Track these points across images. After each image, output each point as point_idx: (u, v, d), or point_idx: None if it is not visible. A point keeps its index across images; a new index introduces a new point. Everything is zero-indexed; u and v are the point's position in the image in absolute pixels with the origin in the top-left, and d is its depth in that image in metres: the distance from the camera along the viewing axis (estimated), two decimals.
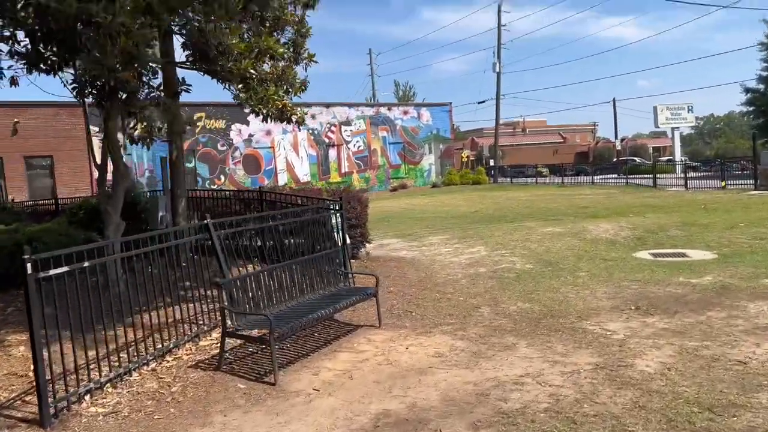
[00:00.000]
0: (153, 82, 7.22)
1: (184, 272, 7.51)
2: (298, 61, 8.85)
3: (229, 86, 7.64)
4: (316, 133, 36.61)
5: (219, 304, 5.52)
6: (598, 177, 36.98)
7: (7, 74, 7.89)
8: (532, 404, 4.45)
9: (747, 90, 39.29)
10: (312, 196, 9.53)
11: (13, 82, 7.92)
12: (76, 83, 7.93)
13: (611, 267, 9.45)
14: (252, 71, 6.85)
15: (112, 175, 7.91)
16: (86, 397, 4.81)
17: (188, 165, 32.15)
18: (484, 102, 53.84)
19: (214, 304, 6.76)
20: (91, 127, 12.94)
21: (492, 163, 48.38)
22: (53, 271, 4.49)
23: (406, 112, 40.83)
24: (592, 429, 3.98)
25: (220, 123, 32.84)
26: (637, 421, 4.04)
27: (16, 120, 28.23)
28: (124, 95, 7.54)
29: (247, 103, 7.13)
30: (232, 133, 33.26)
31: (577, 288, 8.19)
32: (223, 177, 33.33)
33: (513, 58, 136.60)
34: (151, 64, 6.70)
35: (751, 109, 40.64)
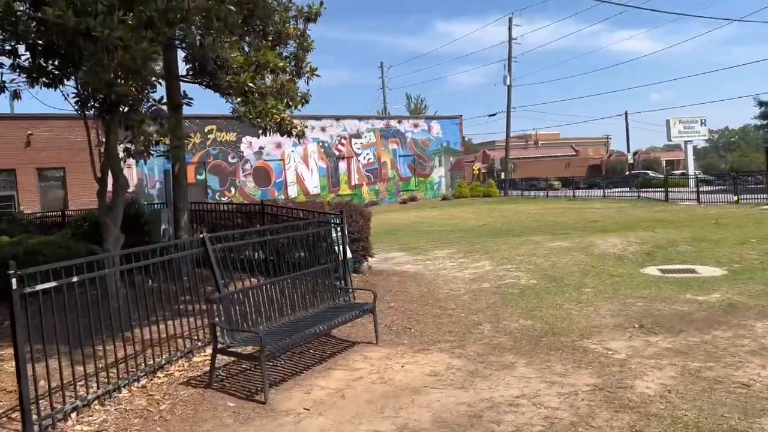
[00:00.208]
0: (153, 95, 7.20)
1: (183, 286, 7.50)
2: (300, 74, 8.83)
3: (230, 99, 7.62)
4: (327, 145, 36.71)
5: (209, 320, 5.44)
6: (610, 191, 36.65)
7: (10, 87, 7.98)
8: (526, 427, 4.32)
9: (761, 103, 38.86)
10: (313, 210, 9.47)
11: (16, 95, 7.98)
12: (78, 96, 7.97)
13: (617, 283, 9.28)
14: (251, 85, 6.81)
15: (112, 187, 7.91)
16: (72, 414, 4.74)
17: (199, 177, 32.41)
18: (495, 115, 53.72)
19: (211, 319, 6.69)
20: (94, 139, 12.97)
21: (503, 175, 48.20)
22: (40, 286, 4.44)
23: (417, 125, 40.86)
24: None
25: (230, 135, 33.02)
26: None
27: (29, 132, 28.59)
28: (126, 108, 7.54)
29: (246, 117, 7.10)
30: (243, 146, 33.44)
31: (581, 305, 8.03)
32: (233, 189, 33.47)
33: (525, 71, 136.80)
34: (151, 78, 6.67)
35: (764, 122, 40.18)
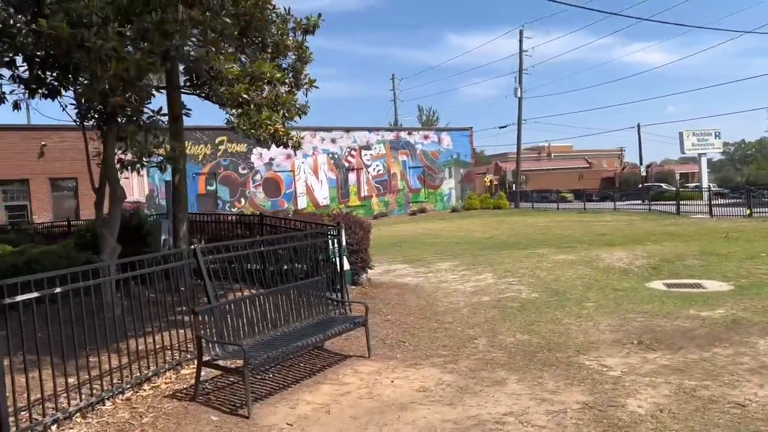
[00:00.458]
0: (150, 106, 7.22)
1: (181, 297, 7.47)
2: (299, 86, 8.82)
3: (226, 110, 7.62)
4: (336, 157, 36.77)
5: (195, 332, 5.38)
6: (621, 203, 36.24)
7: (10, 99, 8.04)
8: None
9: None
10: (312, 221, 9.42)
11: (16, 106, 8.04)
12: (77, 107, 8.02)
13: (620, 298, 9.12)
14: (245, 96, 6.80)
15: (108, 198, 7.92)
16: (53, 427, 4.69)
17: (209, 188, 32.59)
18: (505, 127, 53.46)
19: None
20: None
21: (515, 187, 47.95)
22: (20, 297, 4.42)
23: (427, 137, 40.82)
24: None
25: (241, 147, 33.16)
26: None
27: (43, 143, 28.89)
28: (124, 119, 7.56)
29: (239, 128, 7.09)
30: (253, 157, 33.56)
31: (580, 319, 7.89)
32: (243, 200, 33.58)
33: (538, 83, 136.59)
34: (145, 90, 6.69)
35: None
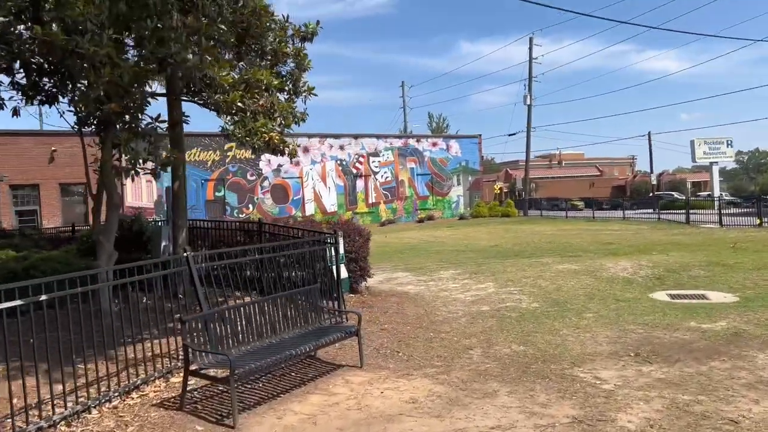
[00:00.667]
0: (149, 112, 7.22)
1: (179, 303, 7.46)
2: (298, 93, 8.82)
3: (222, 117, 7.62)
4: (345, 163, 36.81)
5: (183, 340, 5.35)
6: (631, 212, 35.91)
7: (9, 105, 8.10)
8: None
9: None
10: (309, 230, 9.39)
11: (15, 112, 8.09)
12: (75, 114, 8.06)
13: (621, 308, 8.99)
14: (239, 104, 6.79)
15: (105, 204, 7.94)
16: None
17: (218, 194, 32.72)
18: (514, 134, 53.22)
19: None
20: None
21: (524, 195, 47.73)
22: (2, 305, 4.40)
23: (435, 144, 40.78)
24: None
25: (249, 153, 33.23)
26: None
27: (53, 149, 29.16)
28: (121, 126, 7.57)
29: (234, 135, 7.08)
30: (262, 163, 33.66)
31: (579, 330, 7.78)
32: (251, 206, 33.67)
33: (549, 90, 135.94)
34: (139, 97, 6.70)
35: None
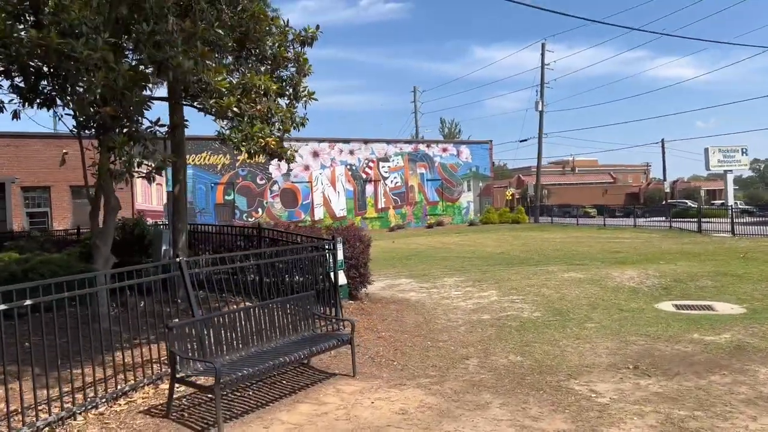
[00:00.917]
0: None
1: (178, 308, 7.43)
2: (298, 98, 8.77)
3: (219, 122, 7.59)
4: (354, 168, 36.79)
5: (169, 347, 5.29)
6: (643, 220, 35.52)
7: (9, 108, 8.11)
8: None
9: None
10: (308, 235, 9.33)
11: (15, 115, 8.10)
12: (74, 117, 8.06)
13: (624, 319, 8.83)
14: (235, 109, 6.75)
15: (102, 208, 7.93)
16: None
17: (227, 198, 32.82)
18: (525, 141, 52.83)
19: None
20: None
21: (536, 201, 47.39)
22: None
23: (445, 150, 40.65)
24: None
25: (259, 157, 33.35)
26: None
27: (65, 151, 29.39)
28: (117, 129, 7.56)
29: (230, 140, 7.04)
30: (272, 167, 33.71)
31: (578, 341, 7.64)
32: (260, 210, 33.74)
33: (561, 96, 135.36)
34: (135, 101, 6.67)
35: None
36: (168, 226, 13.08)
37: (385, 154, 38.00)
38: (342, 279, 8.92)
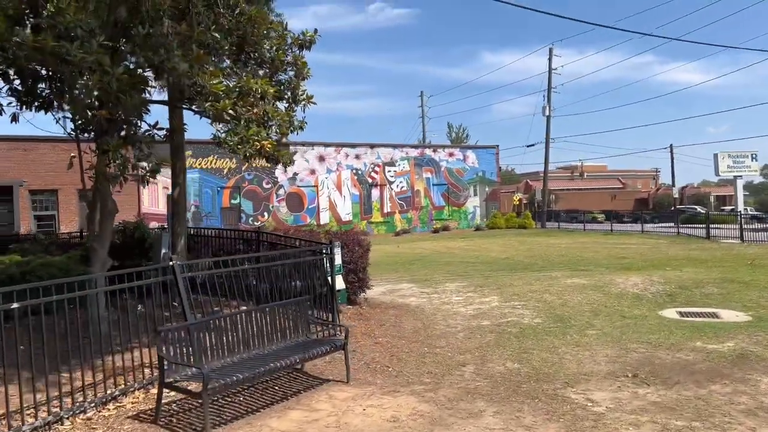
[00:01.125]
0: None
1: (175, 312, 7.37)
2: (297, 101, 8.74)
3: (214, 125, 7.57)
4: (360, 173, 36.76)
5: (158, 352, 5.24)
6: (652, 225, 35.24)
7: (8, 111, 8.12)
8: None
9: None
10: (307, 239, 9.27)
11: (14, 118, 8.10)
12: (71, 120, 8.06)
13: (627, 326, 8.70)
14: (231, 112, 6.71)
15: (100, 212, 7.91)
16: None
17: (233, 201, 32.86)
18: (533, 145, 52.81)
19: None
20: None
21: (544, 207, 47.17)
22: None
23: (452, 154, 40.54)
24: None
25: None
26: None
27: (72, 155, 29.56)
28: (114, 132, 7.54)
29: (226, 143, 7.00)
30: (277, 171, 33.71)
31: (578, 348, 7.53)
32: (266, 214, 33.74)
33: (569, 100, 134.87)
34: (131, 104, 6.65)
35: None
36: (168, 230, 13.08)
37: (391, 159, 37.93)
38: (340, 284, 8.86)
